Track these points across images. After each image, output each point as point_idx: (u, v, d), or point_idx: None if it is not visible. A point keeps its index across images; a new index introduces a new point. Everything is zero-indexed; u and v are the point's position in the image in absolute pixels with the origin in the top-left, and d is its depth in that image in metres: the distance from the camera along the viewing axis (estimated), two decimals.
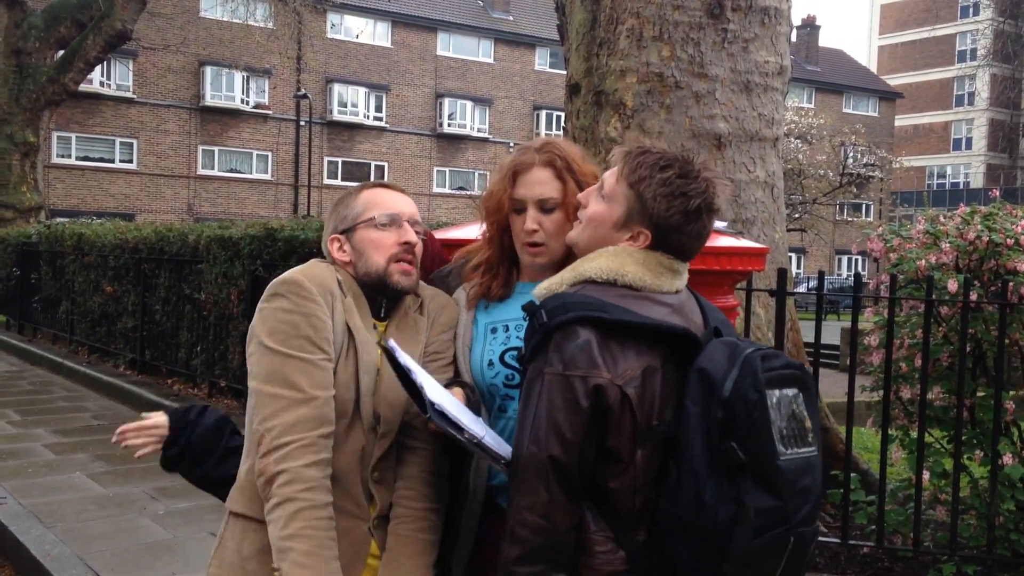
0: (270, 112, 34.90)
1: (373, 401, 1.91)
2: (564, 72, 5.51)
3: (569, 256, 1.97)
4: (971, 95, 52.03)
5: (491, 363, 1.98)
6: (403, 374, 1.79)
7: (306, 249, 6.75)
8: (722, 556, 1.58)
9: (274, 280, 1.91)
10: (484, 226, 2.07)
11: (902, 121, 52.42)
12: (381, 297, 2.00)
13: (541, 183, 1.96)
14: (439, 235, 2.37)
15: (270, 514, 1.76)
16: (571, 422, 1.62)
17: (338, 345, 1.87)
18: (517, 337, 1.97)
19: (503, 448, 1.79)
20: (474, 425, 1.78)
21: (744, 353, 1.64)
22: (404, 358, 1.79)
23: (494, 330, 2.02)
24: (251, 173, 34.94)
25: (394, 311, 2.03)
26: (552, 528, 1.63)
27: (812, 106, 42.44)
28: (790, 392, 1.66)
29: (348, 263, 1.99)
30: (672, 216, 1.73)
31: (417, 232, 2.01)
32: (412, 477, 1.95)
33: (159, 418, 2.39)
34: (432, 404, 1.72)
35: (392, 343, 1.84)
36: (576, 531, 1.66)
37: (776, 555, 1.62)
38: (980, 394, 4.27)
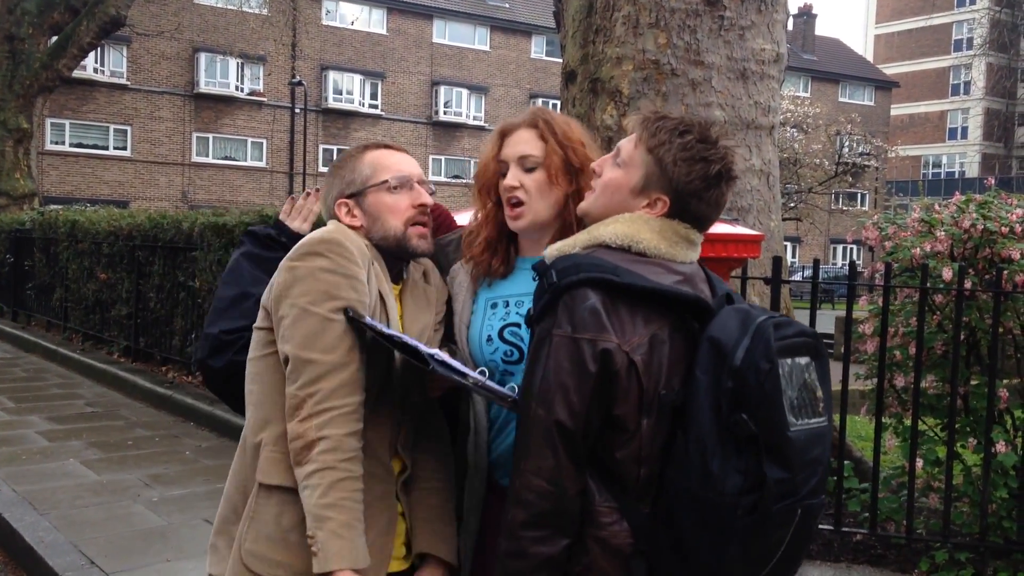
0: (265, 99, 34.77)
1: (402, 372, 1.90)
2: (560, 60, 5.49)
3: (554, 221, 1.97)
4: (967, 84, 52.01)
5: (490, 339, 1.97)
6: (391, 341, 1.77)
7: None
8: (728, 528, 1.56)
9: (307, 238, 1.85)
10: (479, 206, 2.06)
11: (898, 110, 52.42)
12: (398, 261, 1.98)
13: (524, 142, 1.98)
14: None
15: (306, 479, 1.73)
16: (579, 386, 1.60)
17: (372, 311, 1.83)
18: (517, 313, 1.97)
19: (503, 390, 1.78)
20: (472, 372, 1.78)
21: (756, 321, 1.61)
22: (385, 328, 1.78)
23: (494, 305, 2.01)
24: (246, 160, 34.84)
25: (404, 276, 2.01)
26: (560, 493, 1.61)
27: (808, 95, 42.44)
28: (802, 361, 1.63)
29: (360, 228, 1.94)
30: (692, 181, 1.71)
31: (431, 192, 2.00)
32: (430, 449, 1.96)
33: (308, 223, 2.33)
34: (432, 355, 1.71)
35: (370, 320, 1.80)
36: (582, 499, 1.64)
37: (783, 527, 1.60)
38: (974, 382, 4.28)
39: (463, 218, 2.33)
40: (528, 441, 1.63)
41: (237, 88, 34.15)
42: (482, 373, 1.79)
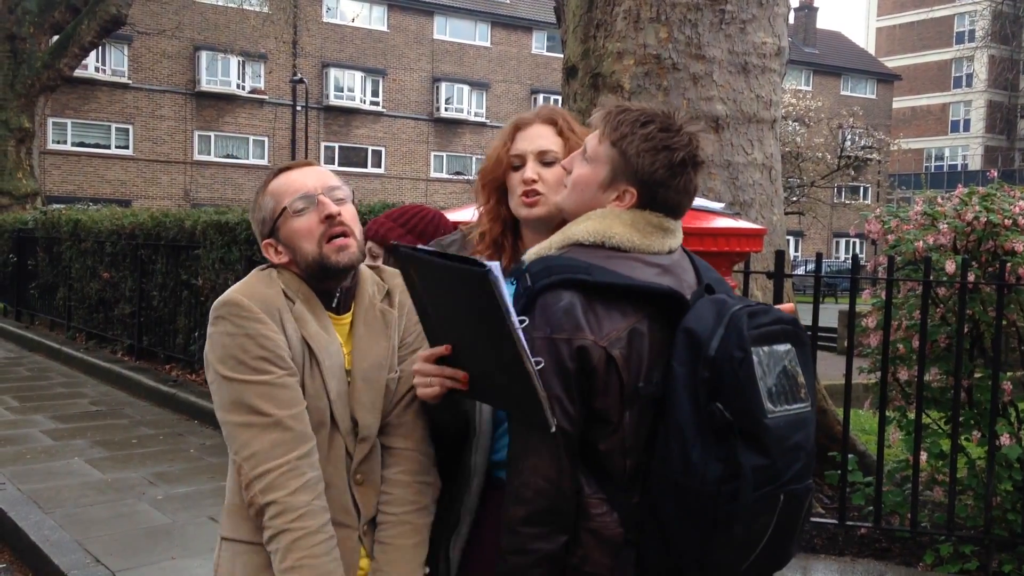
0: (266, 97, 34.75)
1: (348, 405, 1.86)
2: (561, 55, 5.48)
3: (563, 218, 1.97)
4: (969, 76, 51.86)
5: None
6: (498, 307, 1.55)
7: None
8: (710, 516, 1.58)
9: (216, 301, 1.81)
10: (482, 202, 2.05)
11: (900, 103, 52.30)
12: (333, 287, 1.89)
13: (542, 136, 1.98)
14: None
15: (268, 545, 1.74)
16: (563, 384, 1.62)
17: (298, 359, 1.79)
18: None
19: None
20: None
21: (731, 311, 1.63)
22: (505, 295, 1.57)
23: None
24: (248, 159, 34.84)
25: (354, 300, 1.93)
26: (557, 490, 1.64)
27: (810, 88, 42.32)
28: (781, 348, 1.65)
29: (289, 262, 1.87)
30: (657, 171, 1.72)
31: (339, 199, 1.86)
32: (392, 481, 1.91)
33: None
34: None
35: (496, 269, 1.54)
36: (576, 495, 1.67)
37: (766, 514, 1.61)
38: (977, 375, 4.27)
39: (459, 215, 2.33)
40: (526, 440, 1.65)
41: (238, 86, 34.15)
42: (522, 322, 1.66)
